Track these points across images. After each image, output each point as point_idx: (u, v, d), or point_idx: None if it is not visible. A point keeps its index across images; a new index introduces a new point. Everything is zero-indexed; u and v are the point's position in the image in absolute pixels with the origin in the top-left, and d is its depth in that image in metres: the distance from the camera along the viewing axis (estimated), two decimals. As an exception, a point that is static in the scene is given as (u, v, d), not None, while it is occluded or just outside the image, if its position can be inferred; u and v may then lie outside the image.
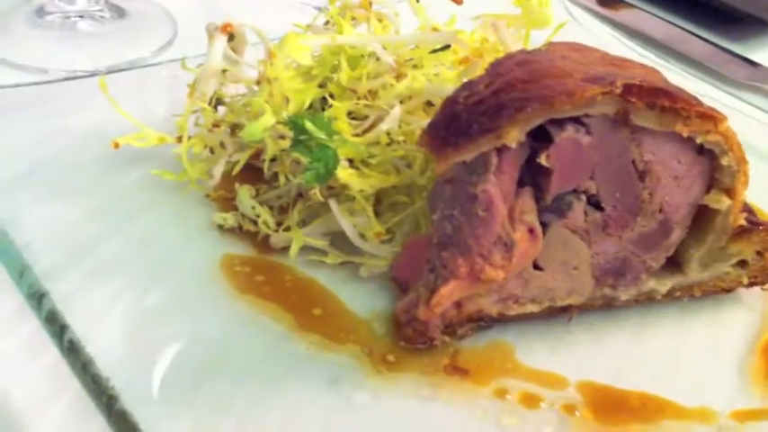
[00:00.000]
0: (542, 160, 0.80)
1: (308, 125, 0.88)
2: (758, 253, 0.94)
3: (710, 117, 0.81)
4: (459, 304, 0.85)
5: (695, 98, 0.83)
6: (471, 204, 0.79)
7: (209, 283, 0.91)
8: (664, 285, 0.93)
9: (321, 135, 0.89)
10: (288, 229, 0.96)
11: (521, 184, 0.83)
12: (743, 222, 0.90)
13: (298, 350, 0.85)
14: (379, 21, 1.09)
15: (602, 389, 0.84)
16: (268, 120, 0.88)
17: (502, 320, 0.89)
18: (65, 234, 0.95)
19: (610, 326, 0.92)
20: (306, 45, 0.90)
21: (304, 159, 0.89)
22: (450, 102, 0.79)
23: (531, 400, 0.82)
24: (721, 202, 0.87)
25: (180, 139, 1.02)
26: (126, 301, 0.88)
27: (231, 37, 1.07)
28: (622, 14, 1.64)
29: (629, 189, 0.85)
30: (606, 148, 0.81)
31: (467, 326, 0.88)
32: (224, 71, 1.05)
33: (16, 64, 1.35)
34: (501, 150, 0.79)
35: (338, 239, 0.96)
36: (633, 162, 0.83)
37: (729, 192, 0.87)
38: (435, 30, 1.01)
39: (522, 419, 0.81)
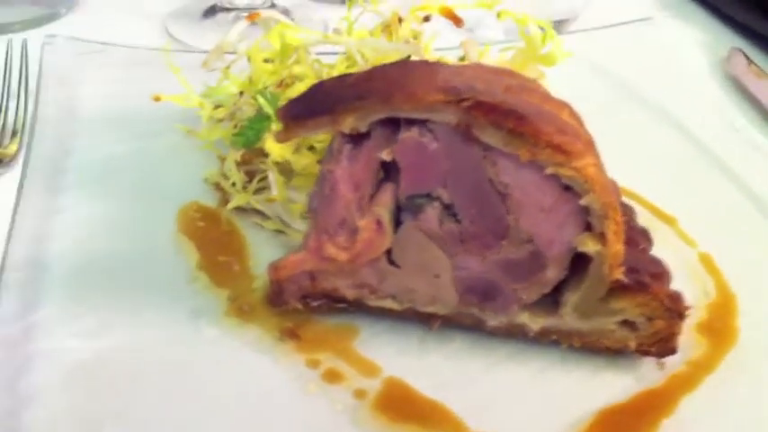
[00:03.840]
0: (384, 155, 0.85)
1: (260, 99, 1.01)
2: (648, 319, 0.88)
3: (562, 150, 0.79)
4: (313, 277, 0.92)
5: (566, 131, 0.82)
6: (322, 182, 0.87)
7: (159, 218, 1.08)
8: (536, 323, 0.91)
9: (268, 109, 1.01)
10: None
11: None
12: (621, 277, 0.85)
13: (183, 282, 0.98)
14: (415, 38, 1.18)
15: (404, 387, 0.86)
16: (228, 87, 1.03)
17: (363, 309, 0.94)
18: (91, 154, 1.19)
19: (473, 348, 0.92)
20: (284, 35, 1.03)
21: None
22: (318, 84, 0.88)
23: (333, 377, 0.87)
24: (587, 246, 0.84)
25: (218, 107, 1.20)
26: (90, 207, 1.09)
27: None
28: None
29: (489, 208, 0.85)
30: (457, 159, 0.83)
31: (322, 301, 0.94)
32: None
33: (184, 43, 1.63)
34: (356, 138, 0.86)
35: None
36: (492, 182, 0.84)
37: (602, 238, 0.83)
38: (406, 42, 1.08)
39: (323, 391, 0.87)
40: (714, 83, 1.56)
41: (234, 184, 1.10)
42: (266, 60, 1.07)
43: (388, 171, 0.88)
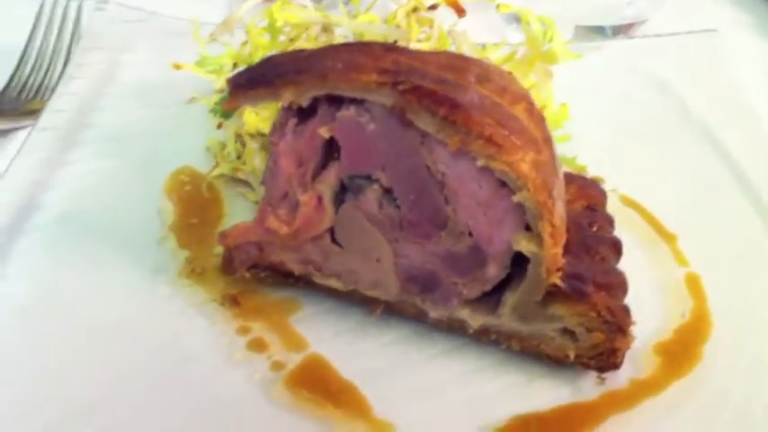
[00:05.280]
0: (322, 132, 0.84)
1: (247, 71, 1.03)
2: (588, 330, 0.83)
3: (494, 142, 0.76)
4: (261, 249, 0.93)
5: (507, 125, 0.78)
6: (269, 155, 0.88)
7: (154, 180, 1.11)
8: (476, 320, 0.88)
9: (255, 82, 1.03)
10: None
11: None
12: (557, 281, 0.81)
13: (153, 240, 1.02)
14: (430, 26, 1.17)
15: (323, 365, 0.86)
16: (223, 57, 1.05)
17: (310, 286, 0.93)
18: (114, 115, 1.24)
19: (412, 340, 0.91)
20: (274, 11, 1.04)
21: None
22: (271, 56, 0.88)
23: (258, 346, 0.88)
24: (522, 245, 0.80)
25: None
26: (96, 163, 1.14)
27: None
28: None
29: (427, 196, 0.83)
30: (394, 142, 0.81)
31: (269, 273, 0.94)
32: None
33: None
34: (302, 114, 0.85)
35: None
36: (429, 169, 0.82)
37: (539, 239, 0.80)
38: (398, 26, 1.06)
39: (246, 358, 0.88)
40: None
41: (229, 154, 1.12)
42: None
43: (339, 151, 0.87)
